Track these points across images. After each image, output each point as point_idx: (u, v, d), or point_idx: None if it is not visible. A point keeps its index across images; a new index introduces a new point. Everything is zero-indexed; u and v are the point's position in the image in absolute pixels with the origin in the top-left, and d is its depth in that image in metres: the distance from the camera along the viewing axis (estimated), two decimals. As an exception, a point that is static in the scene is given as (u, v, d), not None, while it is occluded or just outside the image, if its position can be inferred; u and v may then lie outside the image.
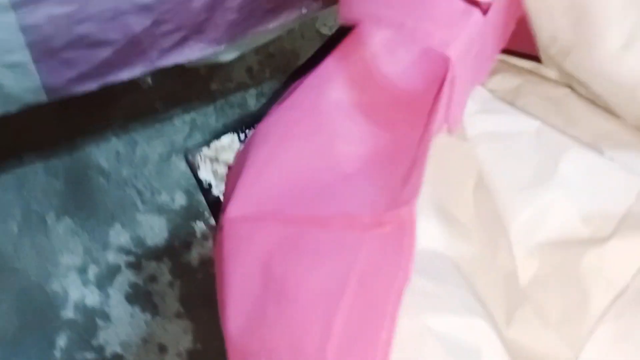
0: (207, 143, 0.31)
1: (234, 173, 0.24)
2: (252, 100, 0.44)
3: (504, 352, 0.22)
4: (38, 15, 0.29)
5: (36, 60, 0.31)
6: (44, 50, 0.31)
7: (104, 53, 0.33)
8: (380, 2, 0.23)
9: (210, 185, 0.30)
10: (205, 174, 0.30)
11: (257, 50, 0.45)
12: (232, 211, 0.22)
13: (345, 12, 0.24)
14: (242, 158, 0.24)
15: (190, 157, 0.29)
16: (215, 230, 0.23)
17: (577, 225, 0.24)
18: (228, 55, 0.40)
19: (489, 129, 0.25)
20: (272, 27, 0.39)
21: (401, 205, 0.20)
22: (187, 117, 0.43)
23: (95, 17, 0.31)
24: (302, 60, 0.46)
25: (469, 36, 0.22)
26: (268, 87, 0.45)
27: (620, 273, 0.22)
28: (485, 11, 0.23)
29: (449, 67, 0.22)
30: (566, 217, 0.24)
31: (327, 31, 0.47)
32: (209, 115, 0.43)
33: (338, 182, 0.23)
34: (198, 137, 0.43)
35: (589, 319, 0.23)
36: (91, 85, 0.35)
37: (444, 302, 0.22)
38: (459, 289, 0.22)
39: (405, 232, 0.20)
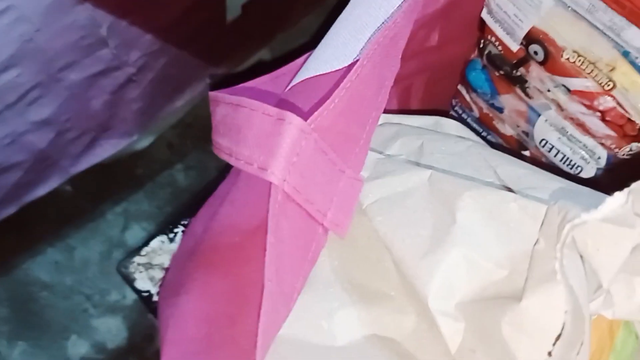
0: (139, 249, 0.30)
1: (163, 303, 0.23)
2: (180, 176, 0.44)
3: None
4: None
5: (-57, 203, 0.30)
6: (-51, 191, 0.30)
7: (14, 176, 0.32)
8: (217, 129, 0.21)
9: (149, 293, 0.30)
10: (142, 283, 0.29)
11: (174, 124, 0.44)
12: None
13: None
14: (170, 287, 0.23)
15: (123, 269, 0.29)
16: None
17: (489, 275, 0.22)
18: (144, 141, 0.40)
19: (382, 195, 0.24)
20: (181, 105, 0.38)
21: None
22: (119, 209, 0.42)
23: (-6, 146, 0.30)
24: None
25: (290, 145, 0.20)
26: (193, 159, 0.44)
27: (542, 333, 0.21)
28: (305, 113, 0.21)
29: (271, 191, 0.20)
30: (476, 269, 0.22)
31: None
32: (140, 202, 0.43)
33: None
34: (135, 226, 0.42)
35: None
36: (9, 210, 0.34)
37: None
38: None
39: None
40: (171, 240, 0.31)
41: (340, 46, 0.22)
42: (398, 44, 0.23)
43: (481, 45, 0.32)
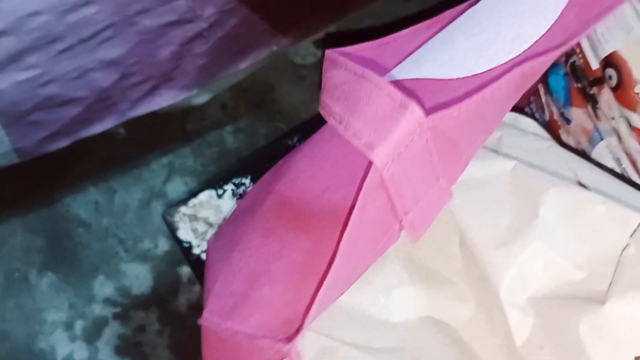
0: (187, 200, 0.30)
1: (214, 253, 0.23)
2: (229, 137, 0.44)
3: None
4: (3, 83, 0.29)
5: (5, 126, 0.31)
6: (12, 115, 0.31)
7: (74, 111, 0.33)
8: (332, 92, 0.21)
9: (190, 244, 0.30)
10: (184, 234, 0.29)
11: (230, 86, 0.44)
12: (208, 312, 0.22)
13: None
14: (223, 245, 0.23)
15: (168, 217, 0.29)
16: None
17: (567, 274, 0.22)
18: (201, 98, 0.40)
19: (463, 178, 0.23)
20: (243, 67, 0.38)
21: (282, 340, 0.18)
22: (165, 160, 0.43)
23: (61, 78, 0.30)
24: (277, 92, 0.46)
25: (404, 134, 0.19)
26: (244, 122, 0.45)
27: (627, 339, 0.21)
28: (427, 109, 0.20)
29: (369, 171, 0.19)
30: (554, 267, 0.23)
31: (300, 61, 0.46)
32: (186, 157, 0.43)
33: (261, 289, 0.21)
34: (177, 179, 0.42)
35: None
36: (63, 143, 0.34)
37: None
38: None
39: None
40: (219, 196, 0.31)
41: (480, 50, 0.21)
42: (534, 77, 0.23)
43: (568, 52, 0.32)
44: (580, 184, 0.24)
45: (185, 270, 0.41)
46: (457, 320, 0.23)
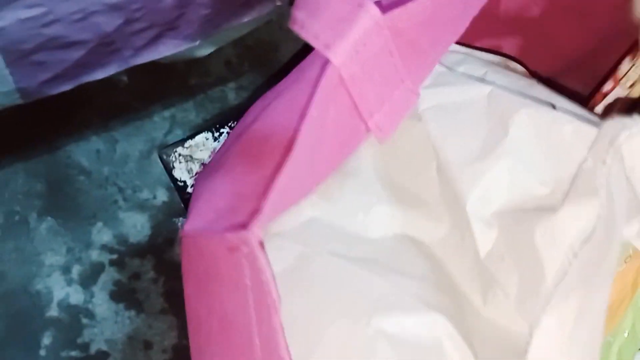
0: (183, 141, 0.31)
1: (200, 181, 0.24)
2: (231, 94, 0.44)
3: (463, 343, 0.22)
4: (6, 19, 0.29)
5: (8, 64, 0.31)
6: (15, 54, 0.31)
7: (77, 54, 0.33)
8: (298, 2, 0.20)
9: (185, 184, 0.30)
10: (179, 173, 0.30)
11: (235, 43, 0.44)
12: (188, 225, 0.22)
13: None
14: (207, 168, 0.24)
15: (164, 157, 0.29)
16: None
17: (531, 190, 0.23)
18: (204, 50, 0.40)
19: (439, 102, 0.24)
20: (247, 21, 0.38)
21: (239, 228, 0.18)
22: (167, 113, 0.43)
23: (65, 19, 0.31)
24: (281, 51, 0.46)
25: (361, 33, 0.19)
26: (247, 80, 0.45)
27: (571, 241, 0.21)
28: (385, 7, 0.20)
29: (325, 70, 0.19)
30: (520, 183, 0.23)
31: (305, 22, 0.46)
32: (188, 111, 0.43)
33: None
34: (178, 132, 0.43)
35: (545, 291, 0.22)
36: (66, 86, 0.34)
37: (397, 300, 0.22)
38: (418, 281, 0.22)
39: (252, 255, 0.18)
40: (215, 139, 0.32)
41: None
42: None
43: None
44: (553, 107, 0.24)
45: (182, 222, 0.42)
46: (431, 238, 0.24)
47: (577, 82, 0.32)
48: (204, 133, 0.31)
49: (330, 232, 0.23)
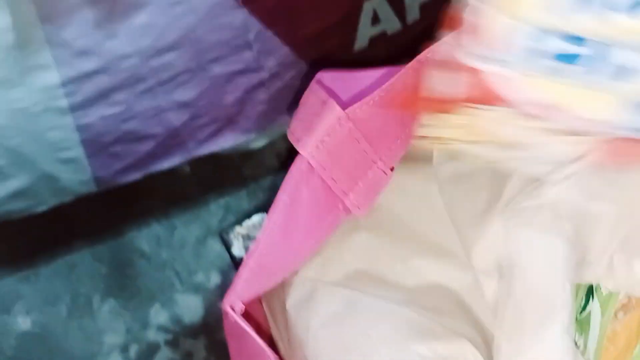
0: (240, 222, 0.34)
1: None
2: (281, 183, 0.48)
3: None
4: (91, 116, 0.33)
5: (89, 156, 0.35)
6: (95, 146, 0.35)
7: (148, 146, 0.37)
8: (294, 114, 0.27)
9: (242, 260, 0.33)
10: (238, 251, 0.32)
11: (286, 137, 0.48)
12: (227, 301, 0.26)
13: None
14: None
15: (224, 235, 0.32)
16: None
17: None
18: (259, 142, 0.44)
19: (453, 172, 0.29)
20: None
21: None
22: (222, 201, 0.46)
23: (140, 115, 0.35)
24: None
25: (326, 127, 0.25)
26: (296, 171, 0.48)
27: None
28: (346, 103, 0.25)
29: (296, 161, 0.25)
30: None
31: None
32: (241, 199, 0.47)
33: None
34: (232, 219, 0.46)
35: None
36: (136, 175, 0.38)
37: (431, 330, 0.25)
38: (448, 317, 0.25)
39: None
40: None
41: None
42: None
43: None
44: None
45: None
46: (460, 285, 0.28)
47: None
48: (260, 214, 0.34)
49: (373, 280, 0.27)
